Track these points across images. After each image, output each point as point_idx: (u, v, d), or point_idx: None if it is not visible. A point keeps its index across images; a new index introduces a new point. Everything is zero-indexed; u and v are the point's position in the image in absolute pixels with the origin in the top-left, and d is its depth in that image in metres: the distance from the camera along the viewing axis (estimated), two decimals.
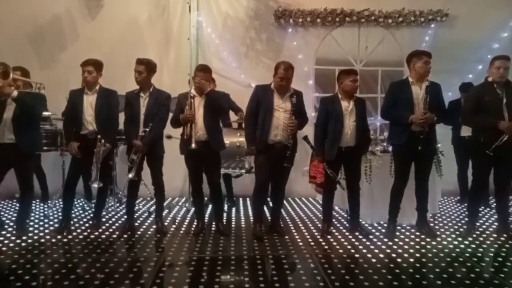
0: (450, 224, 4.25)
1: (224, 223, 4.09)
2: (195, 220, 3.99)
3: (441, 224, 4.22)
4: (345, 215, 4.30)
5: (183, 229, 3.99)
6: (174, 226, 4.09)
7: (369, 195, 4.20)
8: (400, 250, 3.41)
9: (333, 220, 4.32)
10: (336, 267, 3.05)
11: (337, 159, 3.72)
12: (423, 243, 3.61)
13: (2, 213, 4.45)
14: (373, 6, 5.61)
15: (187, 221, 4.29)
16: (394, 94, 3.77)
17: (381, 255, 3.27)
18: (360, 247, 3.50)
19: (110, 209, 4.64)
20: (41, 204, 4.89)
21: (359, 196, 3.88)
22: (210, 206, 4.48)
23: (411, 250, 3.40)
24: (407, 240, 3.69)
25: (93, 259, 3.12)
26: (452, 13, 5.65)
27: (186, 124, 3.62)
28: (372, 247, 3.49)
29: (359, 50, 5.75)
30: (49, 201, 4.78)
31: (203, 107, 3.67)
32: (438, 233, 3.87)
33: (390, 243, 3.59)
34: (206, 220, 4.09)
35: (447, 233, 3.91)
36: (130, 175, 3.69)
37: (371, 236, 3.75)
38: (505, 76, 3.62)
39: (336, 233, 3.89)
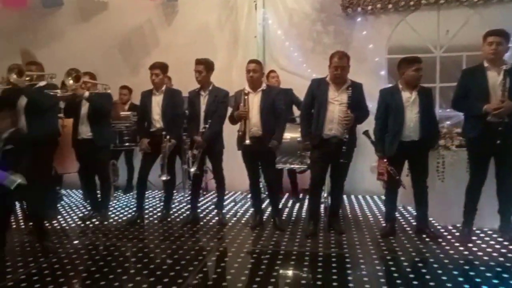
0: None
1: (283, 218, 4.11)
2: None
3: None
4: None
5: (242, 221, 4.11)
6: (235, 218, 4.23)
7: (443, 195, 3.81)
8: (471, 257, 3.04)
9: (401, 220, 4.03)
10: (390, 271, 2.84)
11: (399, 154, 3.45)
12: (503, 250, 3.16)
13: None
14: None
15: (248, 214, 4.40)
16: (467, 82, 3.35)
17: (446, 261, 2.96)
18: (424, 250, 3.20)
19: (181, 200, 5.00)
20: (125, 195, 5.47)
21: (426, 194, 3.54)
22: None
23: (486, 258, 3.01)
24: (483, 246, 3.26)
25: (158, 246, 3.44)
26: None
27: (241, 121, 3.72)
28: (438, 251, 3.17)
29: (438, 34, 5.20)
30: (132, 193, 5.31)
31: (258, 103, 3.72)
32: None
33: (462, 248, 3.21)
34: (266, 215, 4.16)
35: None
36: (192, 169, 3.93)
37: (440, 240, 3.41)
38: None
39: (400, 234, 3.61)
